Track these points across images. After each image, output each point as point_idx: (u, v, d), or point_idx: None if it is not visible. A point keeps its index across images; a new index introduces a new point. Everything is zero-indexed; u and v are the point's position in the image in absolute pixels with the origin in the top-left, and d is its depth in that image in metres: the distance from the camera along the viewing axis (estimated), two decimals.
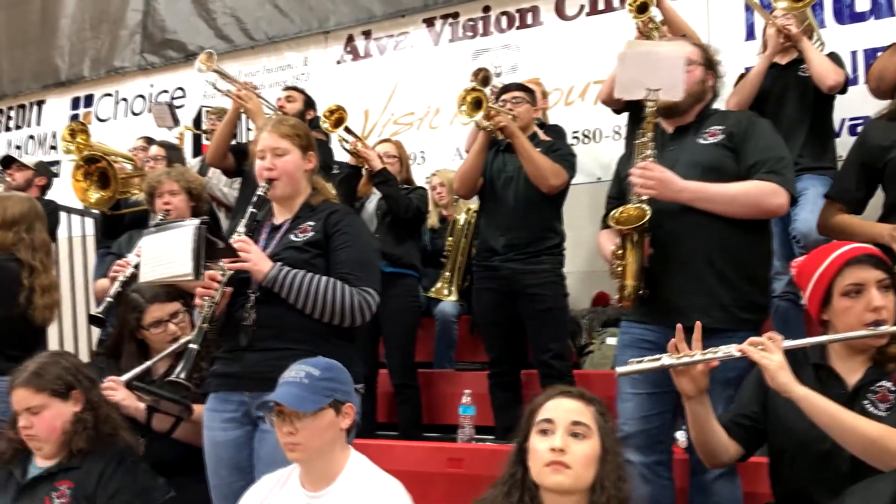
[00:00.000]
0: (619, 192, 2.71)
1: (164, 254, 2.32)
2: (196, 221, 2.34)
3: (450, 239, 4.85)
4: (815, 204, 3.27)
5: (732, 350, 2.01)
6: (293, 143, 2.52)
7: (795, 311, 3.58)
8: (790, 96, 3.76)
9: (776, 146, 2.55)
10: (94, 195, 4.26)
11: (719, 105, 2.85)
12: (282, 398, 1.98)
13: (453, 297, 4.67)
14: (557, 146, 3.77)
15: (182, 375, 2.36)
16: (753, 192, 2.44)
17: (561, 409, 1.82)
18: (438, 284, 4.74)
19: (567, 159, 3.65)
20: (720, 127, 2.56)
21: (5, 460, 2.42)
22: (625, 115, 3.92)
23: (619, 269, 2.45)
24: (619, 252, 2.44)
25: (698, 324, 2.03)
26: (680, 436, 2.81)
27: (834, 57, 3.77)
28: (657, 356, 2.02)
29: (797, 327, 3.45)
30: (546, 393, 1.89)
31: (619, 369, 2.06)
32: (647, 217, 2.38)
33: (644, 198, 2.43)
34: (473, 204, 4.57)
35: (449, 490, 3.10)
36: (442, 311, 4.61)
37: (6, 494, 2.35)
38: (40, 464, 2.38)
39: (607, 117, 4.90)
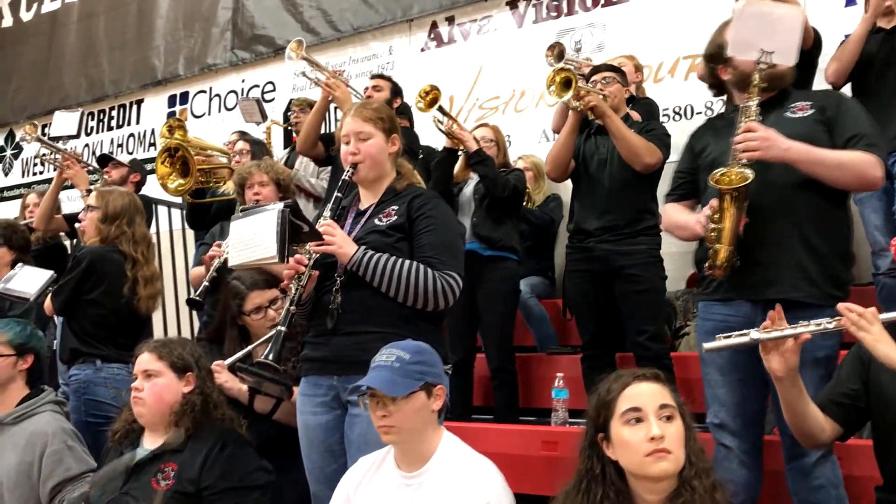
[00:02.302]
0: (691, 167, 2.68)
1: (251, 237, 2.38)
2: (280, 205, 2.38)
3: None
4: None
5: (825, 322, 1.93)
6: (376, 127, 2.54)
7: None
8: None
9: (871, 122, 2.48)
10: (174, 182, 4.40)
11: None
12: (375, 383, 2.00)
13: None
14: (651, 126, 3.69)
15: (270, 357, 2.41)
16: (859, 162, 2.37)
17: (645, 395, 1.78)
18: None
19: (661, 139, 3.57)
20: (807, 102, 2.50)
21: (117, 439, 2.53)
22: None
23: (714, 233, 2.38)
24: (716, 216, 2.38)
25: (779, 306, 1.96)
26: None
27: None
28: (745, 331, 1.96)
29: None
30: (615, 380, 1.84)
31: (707, 345, 2.00)
32: (750, 179, 2.31)
33: (744, 162, 2.36)
34: None
35: (543, 473, 3.08)
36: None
37: (119, 475, 2.44)
38: (148, 446, 2.47)
39: (699, 93, 4.78)
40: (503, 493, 1.99)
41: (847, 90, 3.72)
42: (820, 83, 3.72)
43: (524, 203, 4.73)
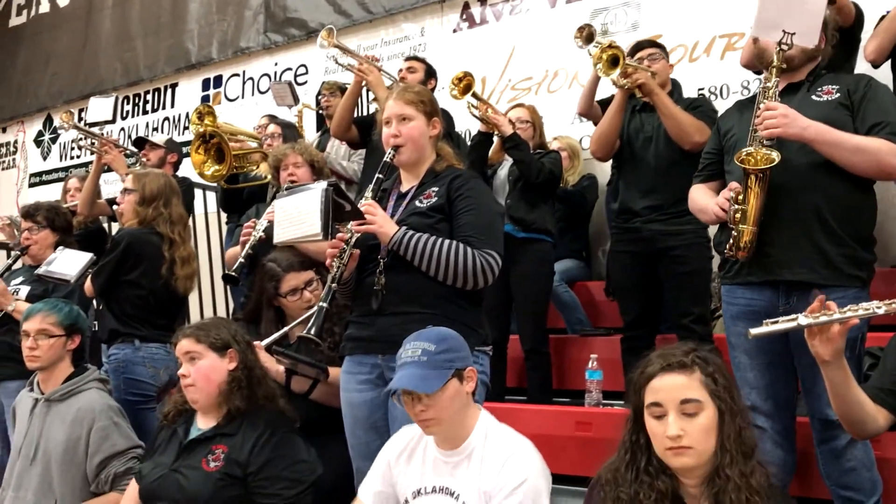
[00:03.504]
0: (718, 147, 2.67)
1: (296, 215, 2.42)
2: (324, 184, 2.42)
3: None
4: None
5: (874, 306, 1.90)
6: (418, 110, 2.55)
7: None
8: None
9: None
10: (210, 169, 4.44)
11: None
12: (406, 383, 2.00)
13: None
14: (698, 103, 3.61)
15: (312, 332, 2.43)
16: (880, 149, 2.34)
17: (666, 390, 1.76)
18: None
19: (709, 115, 3.47)
20: (835, 86, 2.48)
21: (170, 419, 2.58)
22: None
23: (738, 214, 2.37)
24: (739, 197, 2.36)
25: (822, 295, 1.92)
26: None
27: None
28: (793, 316, 1.93)
29: None
30: (648, 366, 1.81)
31: (753, 331, 1.96)
32: (776, 161, 2.30)
33: (769, 143, 2.35)
34: None
35: (578, 453, 3.10)
36: None
37: (170, 451, 2.50)
38: (201, 426, 2.51)
39: (735, 72, 4.72)
40: (541, 471, 2.01)
41: (887, 68, 3.65)
42: (862, 61, 3.66)
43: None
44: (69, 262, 3.65)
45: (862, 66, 3.64)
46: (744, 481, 1.69)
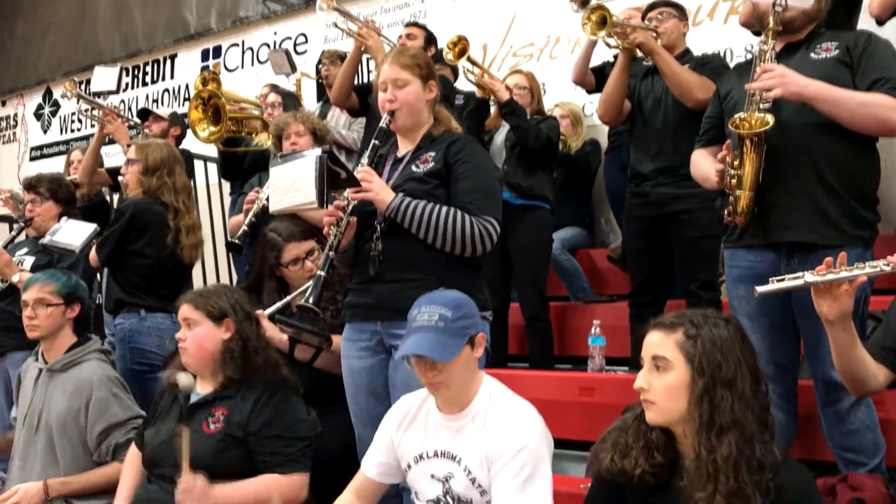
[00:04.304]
0: (718, 111, 2.65)
1: (290, 183, 2.41)
2: (317, 151, 2.42)
3: None
4: None
5: (882, 264, 1.89)
6: (413, 74, 2.52)
7: None
8: None
9: None
10: (205, 130, 4.41)
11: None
12: (425, 350, 1.98)
13: None
14: (708, 59, 3.54)
15: (311, 301, 2.44)
16: (882, 105, 2.32)
17: (646, 346, 1.81)
18: None
19: (719, 71, 3.36)
20: (834, 43, 2.44)
21: (171, 385, 2.59)
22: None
23: (734, 179, 2.36)
24: (735, 162, 2.35)
25: (829, 259, 1.91)
26: None
27: None
28: (799, 273, 1.92)
29: None
30: (650, 323, 1.85)
31: (760, 288, 1.96)
32: (771, 124, 2.28)
33: (764, 106, 2.33)
34: None
35: (580, 419, 3.12)
36: None
37: (172, 417, 2.52)
38: (200, 391, 2.53)
39: (738, 36, 4.66)
40: (543, 436, 2.01)
41: (893, 24, 3.59)
42: (864, 21, 3.61)
43: (560, 149, 4.69)
44: (73, 233, 3.66)
45: (863, 26, 3.58)
46: (709, 456, 1.68)
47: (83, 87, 6.36)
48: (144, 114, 5.20)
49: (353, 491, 2.22)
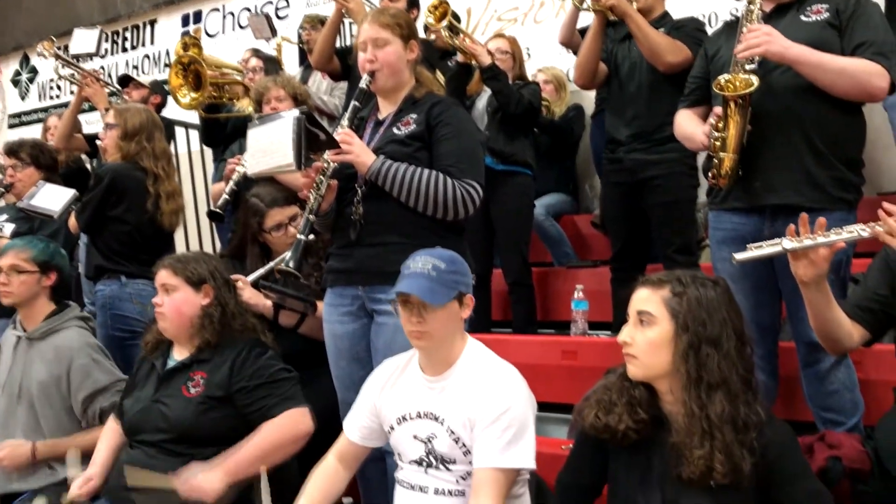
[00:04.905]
0: (704, 71, 2.64)
1: (268, 145, 2.37)
2: (295, 112, 2.36)
3: None
4: None
5: (858, 229, 1.90)
6: (394, 34, 2.49)
7: None
8: None
9: (885, 29, 2.40)
10: (186, 96, 4.36)
11: None
12: (416, 290, 1.98)
13: None
14: (682, 23, 3.50)
15: (291, 265, 2.42)
16: (863, 70, 2.32)
17: (632, 302, 1.84)
18: None
19: (692, 35, 3.36)
20: (824, 5, 2.43)
21: (148, 350, 2.59)
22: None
23: (718, 141, 2.35)
24: (720, 124, 2.34)
25: (804, 215, 1.92)
26: None
27: None
28: (776, 240, 1.94)
29: None
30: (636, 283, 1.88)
31: (738, 255, 1.98)
32: (755, 86, 2.28)
33: (749, 67, 2.32)
34: None
35: (563, 382, 3.14)
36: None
37: (149, 384, 2.51)
38: (177, 356, 2.52)
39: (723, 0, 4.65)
40: (525, 398, 2.01)
41: None
42: None
43: (544, 114, 4.67)
44: (52, 197, 3.61)
45: None
46: (702, 412, 1.70)
47: (62, 52, 6.26)
48: (125, 80, 5.14)
49: (336, 454, 2.22)
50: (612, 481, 1.90)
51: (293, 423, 2.37)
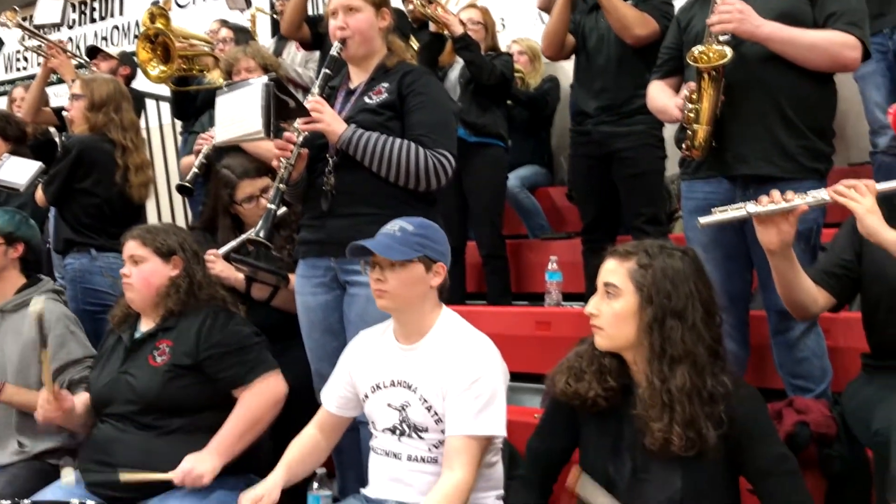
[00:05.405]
0: (677, 42, 2.64)
1: (236, 113, 2.34)
2: (264, 79, 2.33)
3: None
4: None
5: (822, 194, 1.92)
6: (365, 1, 2.46)
7: None
8: None
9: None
10: (155, 69, 4.30)
11: None
12: (371, 245, 2.01)
13: None
14: None
15: (262, 234, 2.41)
16: (834, 42, 2.33)
17: (600, 273, 1.85)
18: None
19: (659, 8, 3.37)
20: None
21: (116, 323, 2.56)
22: None
23: (692, 113, 2.36)
24: (693, 95, 2.35)
25: (775, 192, 1.93)
26: None
27: None
28: (740, 204, 1.95)
29: None
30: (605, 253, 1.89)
31: (702, 219, 2.00)
32: (729, 57, 2.28)
33: (723, 38, 2.32)
34: None
35: (537, 352, 3.14)
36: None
37: (116, 356, 2.49)
38: (144, 328, 2.50)
39: None
40: (497, 368, 2.02)
41: None
42: None
43: (518, 86, 4.65)
44: (17, 170, 3.55)
45: None
46: (662, 385, 1.72)
47: (26, 23, 6.13)
48: (93, 52, 5.05)
49: (316, 425, 2.23)
50: (584, 448, 1.92)
51: (270, 389, 2.37)
